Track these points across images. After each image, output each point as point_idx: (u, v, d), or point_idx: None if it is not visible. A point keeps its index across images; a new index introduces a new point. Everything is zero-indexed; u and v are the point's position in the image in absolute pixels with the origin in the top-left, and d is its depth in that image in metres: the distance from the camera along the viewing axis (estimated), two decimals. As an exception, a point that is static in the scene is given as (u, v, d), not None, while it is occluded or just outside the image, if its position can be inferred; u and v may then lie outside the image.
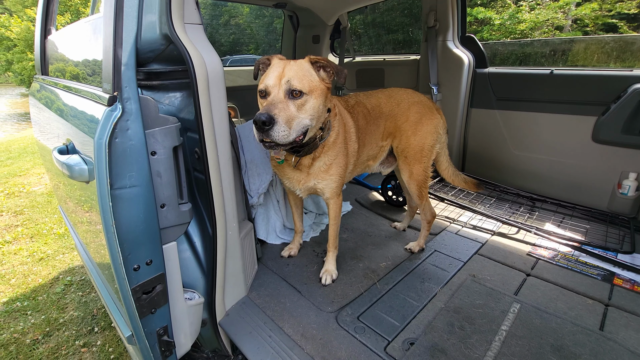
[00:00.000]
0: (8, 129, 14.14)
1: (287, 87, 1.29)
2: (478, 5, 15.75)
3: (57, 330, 2.53)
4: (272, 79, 1.32)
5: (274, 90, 1.30)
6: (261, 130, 1.21)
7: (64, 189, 1.78)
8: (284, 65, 1.35)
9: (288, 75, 1.30)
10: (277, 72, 1.32)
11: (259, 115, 1.19)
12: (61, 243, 3.81)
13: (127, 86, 0.92)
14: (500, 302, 1.59)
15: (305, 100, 1.32)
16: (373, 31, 14.78)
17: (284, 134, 1.23)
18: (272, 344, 1.42)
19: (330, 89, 1.44)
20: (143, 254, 1.06)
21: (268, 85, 1.31)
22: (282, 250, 2.05)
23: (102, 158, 0.88)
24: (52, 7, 1.88)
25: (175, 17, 1.22)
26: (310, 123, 1.35)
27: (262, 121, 1.18)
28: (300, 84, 1.30)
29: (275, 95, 1.29)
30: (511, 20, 14.45)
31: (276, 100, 1.27)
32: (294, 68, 1.33)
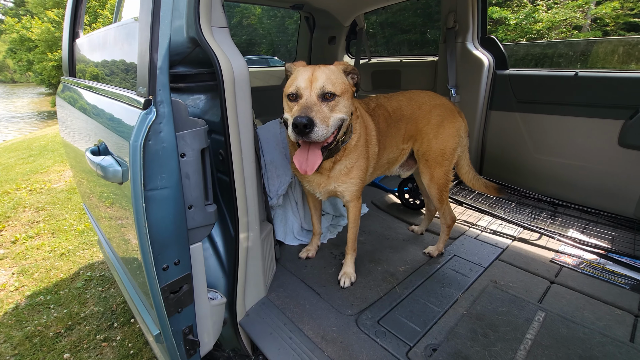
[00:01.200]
0: (29, 127, 14.60)
1: (320, 90, 1.32)
2: (493, 4, 15.49)
3: (79, 324, 2.60)
4: (302, 81, 1.34)
5: (305, 92, 1.32)
6: (302, 134, 1.23)
7: (88, 186, 1.82)
8: (313, 69, 1.37)
9: (320, 79, 1.32)
10: (307, 76, 1.34)
11: (299, 119, 1.21)
12: (81, 239, 3.91)
13: (160, 90, 0.94)
14: (524, 309, 1.56)
15: (337, 102, 1.35)
16: (389, 32, 14.70)
17: (323, 134, 1.26)
18: (293, 346, 1.43)
19: (354, 92, 1.45)
20: (172, 254, 1.08)
21: (300, 88, 1.33)
22: (299, 251, 2.06)
23: (137, 160, 0.90)
24: (80, 11, 1.93)
25: (203, 20, 1.24)
26: (344, 117, 1.38)
27: (303, 124, 1.21)
28: (332, 87, 1.33)
29: (308, 97, 1.31)
30: (527, 19, 14.16)
31: (310, 102, 1.29)
32: (326, 72, 1.36)
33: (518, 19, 14.28)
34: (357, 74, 1.44)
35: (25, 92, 33.52)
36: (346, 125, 1.45)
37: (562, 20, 13.87)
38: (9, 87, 44.48)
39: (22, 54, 22.85)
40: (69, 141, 1.85)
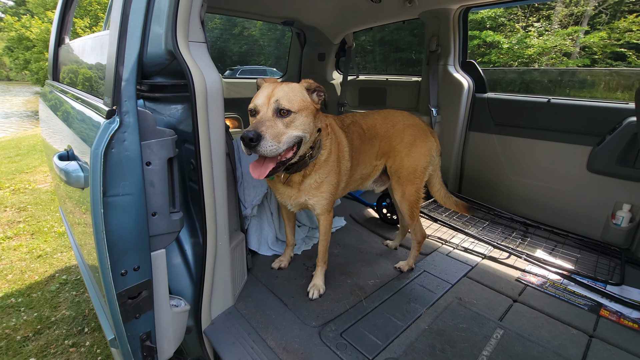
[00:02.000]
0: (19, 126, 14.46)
1: (275, 106, 1.35)
2: (487, 28, 15.99)
3: (48, 328, 2.56)
4: (261, 98, 1.38)
5: (262, 109, 1.36)
6: (248, 147, 1.26)
7: (64, 190, 1.84)
8: (274, 86, 1.42)
9: (277, 95, 1.37)
10: (267, 92, 1.39)
11: (246, 133, 1.25)
12: (60, 242, 3.86)
13: (126, 100, 0.98)
14: (484, 326, 1.59)
15: (293, 118, 1.38)
16: (378, 51, 15.07)
17: (272, 148, 1.28)
18: (254, 356, 1.44)
19: (319, 110, 1.50)
20: (131, 260, 1.10)
21: (257, 105, 1.38)
22: (273, 262, 2.08)
23: (97, 167, 0.94)
24: (68, 18, 1.98)
25: (180, 34, 1.29)
26: (301, 135, 1.40)
27: (249, 138, 1.24)
28: (288, 103, 1.36)
29: (264, 113, 1.35)
30: (519, 44, 14.62)
31: (264, 118, 1.33)
32: (285, 89, 1.40)
33: (510, 44, 14.74)
34: (323, 92, 1.47)
35: (20, 91, 33.27)
36: (310, 141, 1.49)
37: (553, 47, 14.36)
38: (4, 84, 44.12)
39: (19, 53, 22.82)
40: (47, 141, 1.87)
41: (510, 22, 15.95)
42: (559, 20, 15.26)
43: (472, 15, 14.83)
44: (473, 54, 17.12)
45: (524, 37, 14.67)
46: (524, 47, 14.77)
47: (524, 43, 14.82)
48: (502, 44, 14.99)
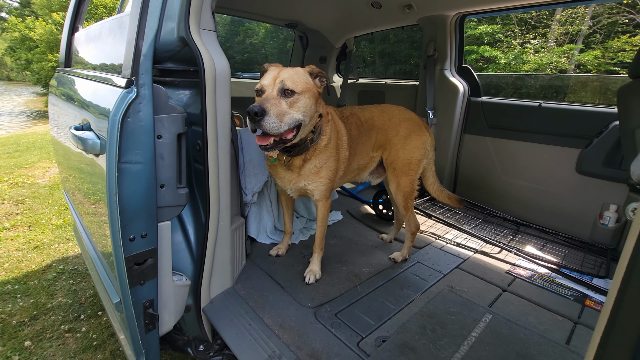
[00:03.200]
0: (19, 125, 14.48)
1: (280, 86, 1.44)
2: (485, 44, 16.37)
3: (44, 314, 2.57)
4: (267, 79, 1.47)
5: (268, 89, 1.44)
6: (253, 121, 1.34)
7: (69, 172, 1.90)
8: (280, 69, 1.51)
9: (282, 77, 1.45)
10: (273, 74, 1.48)
11: (252, 107, 1.33)
12: (58, 233, 3.88)
13: (143, 74, 1.06)
14: (473, 311, 1.65)
15: (296, 99, 1.46)
16: (378, 57, 15.34)
17: (274, 125, 1.36)
18: (251, 332, 1.49)
19: (321, 94, 1.59)
20: (139, 226, 1.16)
21: (264, 85, 1.46)
22: (271, 249, 2.13)
23: (115, 133, 1.01)
24: (82, 8, 2.07)
25: (192, 22, 1.38)
26: (302, 118, 1.48)
27: (254, 112, 1.32)
28: (292, 84, 1.45)
29: (270, 93, 1.43)
30: (516, 60, 14.95)
31: (269, 96, 1.42)
32: (290, 71, 1.49)
33: (507, 59, 15.06)
34: (325, 77, 1.57)
35: (21, 91, 33.32)
36: (311, 125, 1.57)
37: (549, 64, 14.69)
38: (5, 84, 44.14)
39: (21, 53, 22.95)
40: (56, 136, 1.93)
41: (507, 38, 16.33)
42: (555, 38, 15.66)
43: (471, 30, 15.18)
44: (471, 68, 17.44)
45: (521, 53, 15.01)
46: (521, 62, 15.10)
47: (520, 59, 15.15)
48: (500, 59, 15.31)
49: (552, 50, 15.02)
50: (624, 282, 0.49)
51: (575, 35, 15.38)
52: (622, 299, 0.52)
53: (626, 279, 0.49)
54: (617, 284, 0.51)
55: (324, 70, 4.10)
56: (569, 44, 15.01)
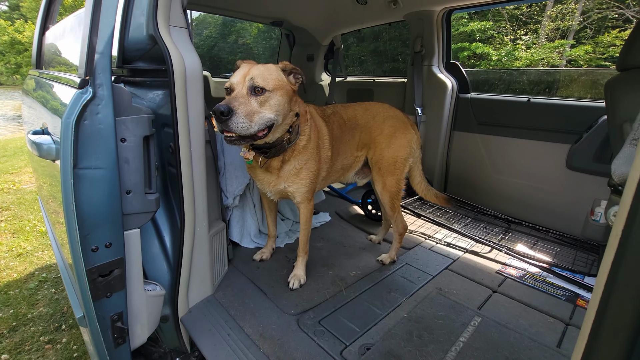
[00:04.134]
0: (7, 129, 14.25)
1: (250, 83, 1.36)
2: (477, 40, 16.39)
3: (24, 325, 2.48)
4: (237, 77, 1.39)
5: (237, 87, 1.37)
6: (219, 121, 1.26)
7: (40, 173, 1.81)
8: (251, 66, 1.43)
9: (252, 74, 1.37)
10: (243, 72, 1.40)
11: (218, 106, 1.24)
12: (42, 240, 3.78)
13: (100, 73, 0.99)
14: (462, 314, 1.60)
15: (267, 97, 1.38)
16: (370, 56, 15.31)
17: (243, 126, 1.28)
18: (230, 342, 1.42)
19: (295, 92, 1.52)
20: (103, 236, 1.09)
21: (233, 83, 1.38)
22: (255, 253, 2.06)
23: (68, 137, 0.93)
24: (54, 7, 1.98)
25: (161, 18, 1.31)
26: (274, 117, 1.40)
27: (220, 111, 1.23)
28: (263, 81, 1.37)
29: (239, 91, 1.35)
30: (508, 57, 14.98)
31: (238, 95, 1.34)
32: (260, 68, 1.41)
33: (499, 56, 15.09)
34: (300, 74, 1.49)
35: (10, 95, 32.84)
36: (287, 125, 1.50)
37: (540, 59, 14.73)
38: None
39: (10, 57, 22.63)
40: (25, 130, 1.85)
41: (499, 34, 16.35)
42: (546, 34, 15.70)
43: (462, 27, 15.18)
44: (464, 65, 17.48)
45: (513, 50, 15.04)
46: (513, 59, 15.13)
47: (512, 55, 15.18)
48: (492, 56, 15.33)
49: (543, 46, 15.06)
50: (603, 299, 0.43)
51: (566, 30, 15.44)
52: (603, 315, 0.46)
53: (606, 293, 0.43)
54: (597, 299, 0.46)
55: (311, 68, 4.06)
56: (560, 39, 15.07)
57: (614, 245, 0.44)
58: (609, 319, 0.45)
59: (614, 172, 0.64)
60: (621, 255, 0.43)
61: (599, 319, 0.46)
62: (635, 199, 0.40)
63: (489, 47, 15.61)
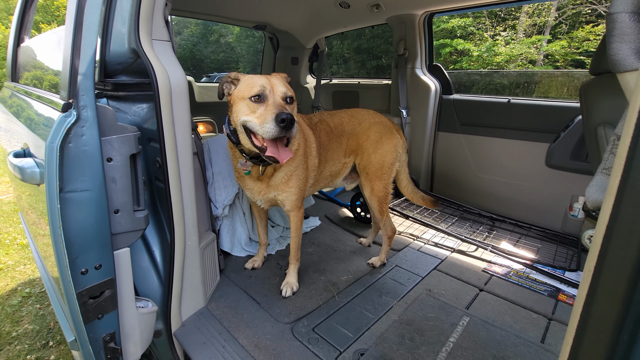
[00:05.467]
0: (-20, 135, 13.66)
1: (283, 94, 1.42)
2: (458, 37, 16.65)
3: (9, 344, 2.41)
4: (264, 84, 1.41)
5: (270, 95, 1.40)
6: (288, 127, 1.31)
7: (23, 192, 1.77)
8: (267, 76, 1.48)
9: (279, 84, 1.44)
10: (264, 81, 1.43)
11: (286, 115, 1.29)
12: (23, 254, 3.66)
13: (84, 95, 0.97)
14: (451, 315, 1.65)
15: (294, 106, 1.48)
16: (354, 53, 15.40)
17: (295, 131, 1.36)
18: (225, 354, 1.42)
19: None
20: (92, 258, 1.08)
21: (265, 88, 1.40)
22: (246, 262, 2.06)
23: (53, 161, 0.92)
24: (28, 17, 1.92)
25: (143, 32, 1.30)
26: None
27: (290, 119, 1.29)
28: (291, 92, 1.46)
29: (276, 100, 1.39)
30: (488, 52, 15.30)
31: (279, 103, 1.38)
32: (279, 79, 1.49)
33: (480, 52, 15.39)
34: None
35: (-20, 100, 31.45)
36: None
37: (519, 55, 15.10)
38: (-38, 93, 41.54)
39: (-21, 59, 21.61)
40: (5, 148, 1.79)
41: (479, 31, 16.66)
42: (524, 29, 16.09)
43: (444, 24, 15.38)
44: (446, 61, 17.75)
45: (492, 46, 15.36)
46: (493, 54, 15.45)
47: (492, 51, 15.50)
48: (472, 52, 15.61)
49: (521, 41, 15.44)
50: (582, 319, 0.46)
51: (543, 26, 15.86)
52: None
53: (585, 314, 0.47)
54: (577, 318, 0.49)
55: (296, 71, 4.06)
56: (537, 35, 15.47)
57: (590, 268, 0.47)
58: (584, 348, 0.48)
59: (588, 198, 0.67)
60: (597, 280, 0.46)
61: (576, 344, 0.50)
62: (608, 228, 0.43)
63: (470, 44, 15.90)
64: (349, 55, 16.73)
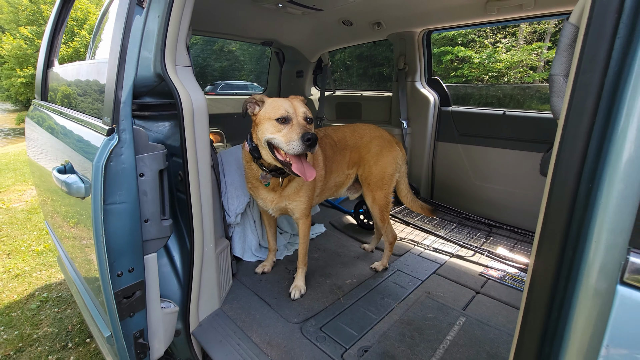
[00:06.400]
0: (-10, 144, 13.92)
1: (304, 115, 1.60)
2: (459, 44, 16.88)
3: (30, 346, 2.55)
4: (289, 108, 1.59)
5: (293, 117, 1.57)
6: (313, 145, 1.48)
7: (52, 204, 1.92)
8: (290, 99, 1.67)
9: (300, 107, 1.62)
10: (288, 104, 1.61)
11: (312, 135, 1.48)
12: (39, 260, 3.81)
13: (123, 120, 1.12)
14: (448, 315, 1.78)
15: (312, 125, 1.64)
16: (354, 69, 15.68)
17: (316, 147, 1.53)
18: (240, 351, 1.55)
19: None
20: (126, 262, 1.22)
21: (289, 112, 1.58)
22: (256, 267, 2.20)
23: (99, 178, 1.07)
24: (56, 42, 2.10)
25: (168, 60, 1.45)
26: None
27: (314, 138, 1.47)
28: (310, 114, 1.63)
29: (300, 121, 1.57)
30: (489, 59, 15.49)
31: (302, 124, 1.56)
32: (299, 102, 1.67)
33: (481, 59, 15.59)
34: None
35: (-12, 108, 31.95)
36: None
37: (520, 61, 15.28)
38: (-30, 102, 42.18)
39: (-14, 69, 22.08)
40: (35, 160, 1.95)
41: (480, 38, 16.87)
42: (524, 36, 16.29)
43: (445, 32, 15.61)
44: (447, 68, 17.98)
45: (493, 53, 15.56)
46: (494, 61, 15.64)
47: (493, 58, 15.68)
48: (473, 59, 15.80)
49: (522, 48, 15.62)
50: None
51: (543, 33, 16.04)
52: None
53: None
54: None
55: (301, 84, 4.23)
56: (537, 42, 15.65)
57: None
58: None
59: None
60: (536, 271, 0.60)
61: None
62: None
63: (471, 51, 16.11)
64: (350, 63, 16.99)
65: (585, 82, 0.55)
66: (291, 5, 2.72)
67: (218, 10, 2.87)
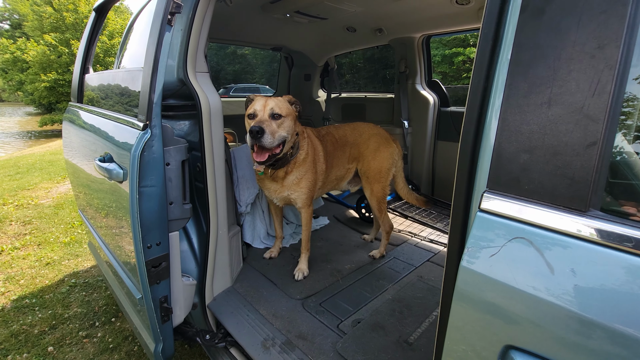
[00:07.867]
0: (14, 145, 14.68)
1: (270, 111, 1.78)
2: (470, 45, 16.87)
3: (62, 323, 2.83)
4: (259, 105, 1.81)
5: (260, 113, 1.78)
6: (255, 138, 1.67)
7: (88, 196, 2.19)
8: (267, 98, 1.86)
9: (271, 104, 1.80)
10: (262, 102, 1.83)
11: (253, 127, 1.67)
12: (67, 250, 4.14)
13: (155, 117, 1.37)
14: (436, 295, 1.96)
15: (282, 121, 1.82)
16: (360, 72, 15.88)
17: (269, 141, 1.71)
18: (249, 321, 1.78)
19: (296, 116, 1.93)
20: (155, 236, 1.46)
21: (256, 109, 1.80)
22: (265, 252, 2.43)
23: (135, 165, 1.31)
24: (91, 50, 2.38)
25: (189, 67, 1.70)
26: (286, 135, 1.83)
27: (256, 130, 1.66)
28: (279, 110, 1.81)
29: (262, 116, 1.77)
30: (499, 60, 15.41)
31: (263, 119, 1.76)
32: (275, 100, 1.85)
33: (491, 60, 15.51)
34: (298, 104, 1.94)
35: (13, 112, 33.41)
36: (291, 142, 1.90)
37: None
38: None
39: (13, 74, 23.17)
40: (73, 155, 2.23)
41: (490, 40, 16.71)
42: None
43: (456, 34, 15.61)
44: (459, 69, 17.94)
45: (503, 54, 15.45)
46: (504, 62, 15.50)
47: (504, 59, 15.54)
48: (484, 60, 15.70)
49: (534, 49, 15.45)
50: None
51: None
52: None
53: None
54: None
55: (309, 86, 4.47)
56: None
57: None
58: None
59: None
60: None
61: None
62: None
63: (481, 52, 16.03)
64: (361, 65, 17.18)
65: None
66: (298, 15, 2.95)
67: (232, 21, 3.13)
